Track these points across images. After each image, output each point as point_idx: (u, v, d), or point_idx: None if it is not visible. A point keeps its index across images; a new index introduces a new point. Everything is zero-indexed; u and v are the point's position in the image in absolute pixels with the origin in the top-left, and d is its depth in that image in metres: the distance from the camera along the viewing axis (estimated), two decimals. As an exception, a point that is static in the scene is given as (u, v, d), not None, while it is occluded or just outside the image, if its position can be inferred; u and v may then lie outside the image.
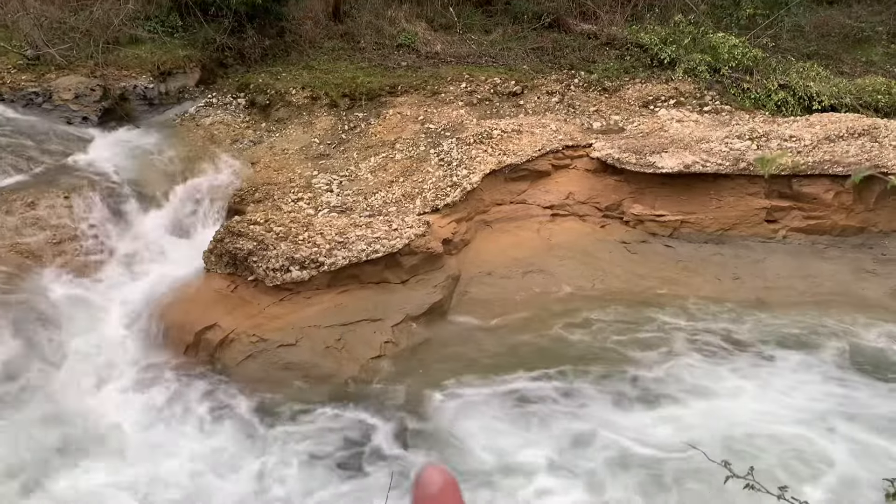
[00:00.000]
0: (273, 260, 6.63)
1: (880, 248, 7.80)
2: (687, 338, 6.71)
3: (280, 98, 9.80)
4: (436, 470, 0.67)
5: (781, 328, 6.85)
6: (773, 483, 2.58)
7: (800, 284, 7.52)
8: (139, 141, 8.88)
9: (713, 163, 7.85)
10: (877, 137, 8.03)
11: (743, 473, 2.40)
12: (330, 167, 8.54)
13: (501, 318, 7.08)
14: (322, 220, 7.23)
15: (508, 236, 8.05)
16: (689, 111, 9.45)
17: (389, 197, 7.81)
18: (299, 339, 6.38)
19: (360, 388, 6.09)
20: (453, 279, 7.35)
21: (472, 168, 8.00)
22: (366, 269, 6.90)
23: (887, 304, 7.16)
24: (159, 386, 6.03)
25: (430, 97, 9.78)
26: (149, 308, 6.69)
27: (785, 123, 8.68)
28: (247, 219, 7.12)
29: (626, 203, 8.18)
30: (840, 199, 7.80)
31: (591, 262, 7.79)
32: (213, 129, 9.38)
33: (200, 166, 8.47)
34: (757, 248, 7.87)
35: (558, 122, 9.09)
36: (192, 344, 6.39)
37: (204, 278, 6.89)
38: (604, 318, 7.03)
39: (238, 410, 5.82)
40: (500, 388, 6.06)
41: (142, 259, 7.21)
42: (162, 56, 10.11)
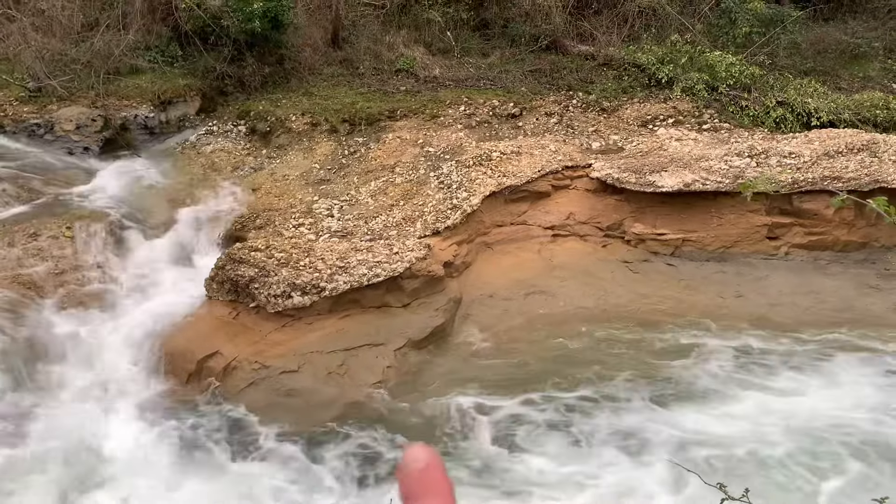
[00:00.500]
0: (274, 286, 6.63)
1: (883, 262, 7.78)
2: (697, 353, 6.68)
3: (280, 125, 9.86)
4: (420, 448, 0.68)
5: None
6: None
7: (803, 301, 7.49)
8: (140, 170, 8.93)
9: (713, 181, 7.86)
10: (876, 152, 8.04)
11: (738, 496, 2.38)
12: (330, 192, 8.56)
13: (505, 340, 7.05)
14: (323, 246, 7.24)
15: (509, 258, 8.04)
16: (688, 130, 9.48)
17: (390, 221, 7.82)
18: (301, 365, 6.35)
19: (362, 413, 6.05)
20: (455, 302, 7.33)
21: (472, 190, 8.02)
22: (367, 294, 6.88)
23: (892, 320, 7.12)
24: (162, 415, 6.00)
25: (430, 121, 9.83)
26: (151, 337, 6.67)
27: (784, 140, 8.70)
28: (248, 245, 7.13)
29: (627, 222, 8.18)
30: (841, 215, 7.79)
31: (593, 282, 7.77)
32: (214, 156, 9.43)
33: (202, 194, 8.51)
34: (759, 265, 7.85)
35: (557, 142, 9.12)
36: (195, 372, 6.36)
37: (206, 306, 6.88)
38: (608, 337, 7.00)
39: (242, 438, 5.78)
40: (516, 401, 6.06)
41: (144, 288, 7.20)
42: (162, 85, 10.19)
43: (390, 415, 6.07)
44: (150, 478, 5.38)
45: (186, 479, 5.37)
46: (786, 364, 6.51)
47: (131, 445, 5.67)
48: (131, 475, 5.41)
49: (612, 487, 5.16)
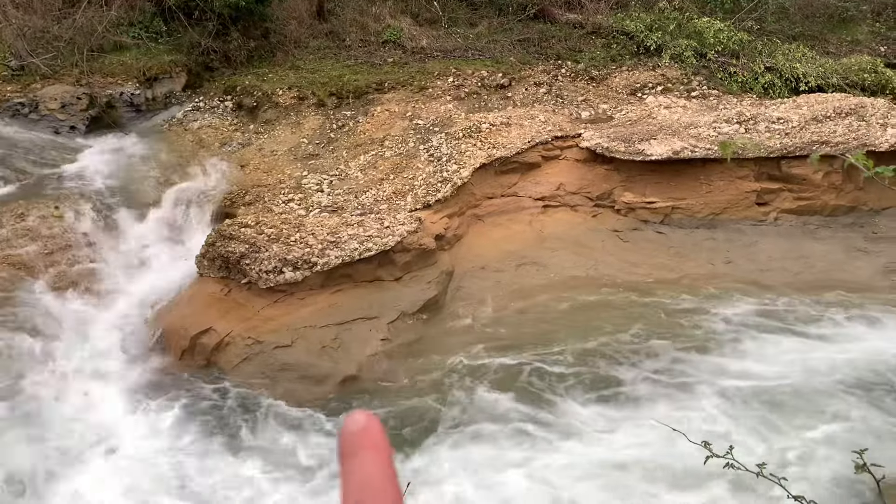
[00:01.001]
0: (265, 262, 6.63)
1: (871, 226, 7.84)
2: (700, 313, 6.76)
3: (267, 99, 9.79)
4: (359, 412, 0.70)
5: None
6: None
7: (793, 266, 7.55)
8: (128, 148, 8.86)
9: (702, 148, 7.87)
10: (864, 116, 8.06)
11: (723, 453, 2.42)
12: (319, 167, 8.53)
13: (498, 311, 7.09)
14: (313, 221, 7.23)
15: (501, 229, 8.06)
16: (677, 97, 9.46)
17: (380, 195, 7.81)
18: (295, 339, 6.39)
19: (357, 386, 6.10)
20: (447, 274, 7.36)
21: (462, 163, 8.00)
22: (359, 268, 6.90)
23: (878, 282, 7.20)
24: (156, 392, 6.03)
25: (418, 93, 9.77)
26: (143, 314, 6.69)
27: (772, 106, 8.70)
28: (238, 222, 7.12)
29: (617, 191, 8.20)
30: (830, 179, 7.83)
31: (584, 251, 7.81)
32: (202, 133, 9.36)
33: (190, 171, 8.46)
34: (748, 231, 7.90)
35: (547, 112, 9.09)
36: (188, 348, 6.39)
37: (197, 283, 6.89)
38: (604, 303, 7.07)
39: (236, 413, 5.82)
40: (521, 359, 6.23)
41: (134, 266, 7.20)
42: (147, 62, 10.08)
43: (385, 386, 6.13)
44: (143, 453, 5.42)
45: (179, 454, 5.42)
46: (791, 319, 6.63)
47: (125, 422, 5.71)
48: (124, 451, 5.45)
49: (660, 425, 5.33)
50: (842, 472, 4.75)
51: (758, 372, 5.97)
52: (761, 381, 5.82)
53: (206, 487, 5.14)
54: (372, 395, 6.03)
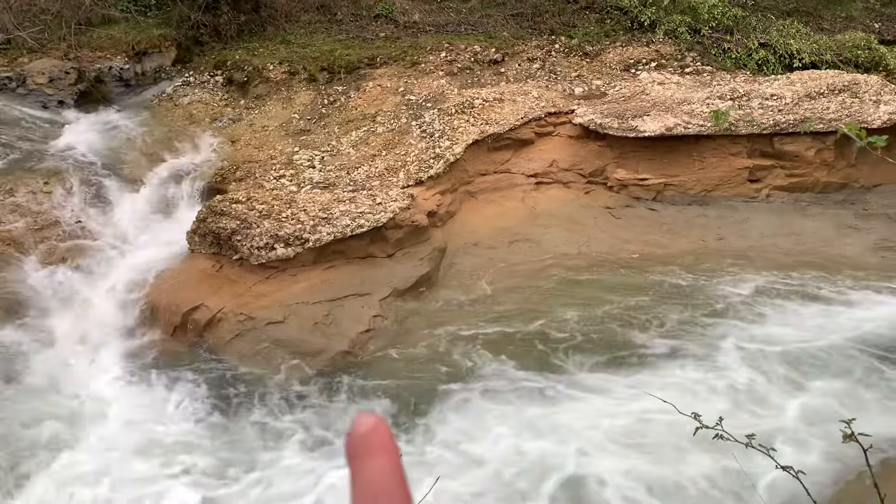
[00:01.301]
0: (257, 238, 6.61)
1: (862, 203, 7.86)
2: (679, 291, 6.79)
3: (258, 74, 9.69)
4: (366, 414, 0.70)
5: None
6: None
7: (784, 242, 7.58)
8: (117, 123, 8.78)
9: (695, 124, 7.85)
10: (857, 93, 8.05)
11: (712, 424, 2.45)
12: (311, 143, 8.48)
13: (491, 287, 7.11)
14: (305, 197, 7.20)
15: (493, 206, 8.05)
16: (671, 73, 9.42)
17: (372, 171, 7.78)
18: (287, 316, 6.38)
19: (350, 362, 6.12)
20: (440, 251, 7.36)
21: (455, 139, 7.97)
22: (351, 245, 6.89)
23: (868, 259, 7.24)
24: (147, 368, 6.04)
25: (410, 68, 9.69)
26: (134, 291, 6.67)
27: (766, 82, 8.67)
28: (229, 197, 7.08)
29: (610, 168, 8.18)
30: (822, 156, 7.83)
31: (577, 228, 7.81)
32: (192, 108, 9.28)
33: (180, 146, 8.41)
34: (740, 207, 7.91)
35: (540, 88, 9.04)
36: (180, 324, 6.38)
37: (188, 259, 6.87)
38: (599, 280, 7.12)
39: (228, 389, 5.84)
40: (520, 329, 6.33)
41: (125, 242, 7.17)
42: (136, 36, 9.96)
43: (378, 362, 6.15)
44: (134, 428, 5.43)
45: (170, 430, 5.43)
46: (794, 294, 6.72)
47: (116, 398, 5.72)
48: (115, 426, 5.46)
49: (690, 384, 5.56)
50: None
51: (783, 335, 6.09)
52: (789, 344, 5.95)
53: (198, 461, 5.16)
54: (367, 370, 6.05)
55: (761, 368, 5.70)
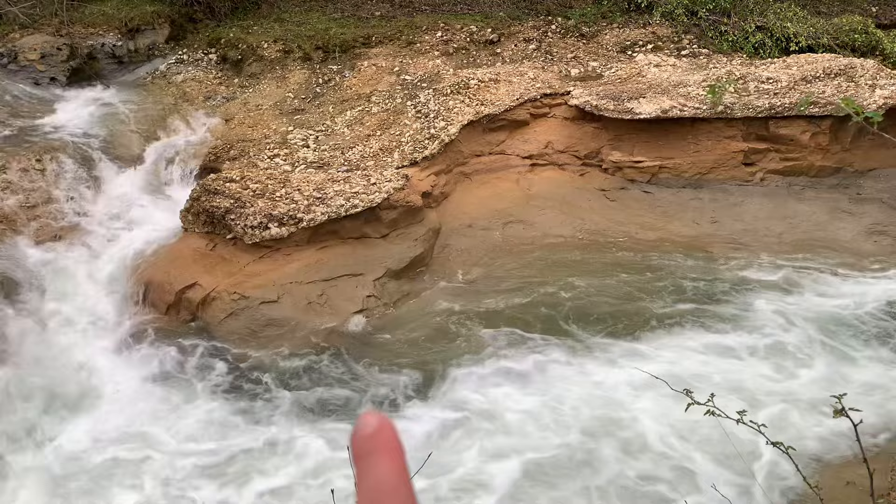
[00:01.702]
0: (251, 217, 6.59)
1: (855, 187, 7.87)
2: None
3: (252, 52, 9.62)
4: (371, 414, 0.70)
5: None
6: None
7: (777, 226, 7.60)
8: (110, 100, 8.71)
9: (690, 107, 7.83)
10: (853, 77, 8.03)
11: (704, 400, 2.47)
12: (305, 122, 8.43)
13: (484, 268, 7.12)
14: (299, 176, 7.18)
15: (488, 188, 8.03)
16: (667, 55, 9.38)
17: (367, 151, 7.75)
18: (281, 295, 6.39)
19: (344, 341, 6.14)
20: (434, 232, 7.35)
21: (450, 119, 7.93)
22: (345, 225, 6.88)
23: (861, 244, 7.27)
24: (141, 346, 6.04)
25: (406, 47, 9.63)
26: (127, 269, 6.66)
27: (762, 65, 8.65)
28: (223, 176, 7.06)
29: (605, 150, 8.17)
30: (816, 140, 7.83)
31: (571, 210, 7.81)
32: (185, 86, 9.21)
33: (174, 125, 8.35)
34: (735, 191, 7.92)
35: (536, 69, 9.00)
36: (174, 303, 6.38)
37: (182, 238, 6.85)
38: (606, 258, 7.18)
39: (221, 368, 5.85)
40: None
41: (118, 220, 7.14)
42: (129, 12, 9.85)
43: (372, 342, 6.17)
44: (129, 407, 5.45)
45: (165, 409, 5.45)
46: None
47: (110, 376, 5.73)
48: (109, 405, 5.48)
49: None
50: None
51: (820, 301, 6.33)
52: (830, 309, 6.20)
53: (193, 439, 5.19)
54: (360, 349, 6.06)
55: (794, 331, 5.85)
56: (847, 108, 1.83)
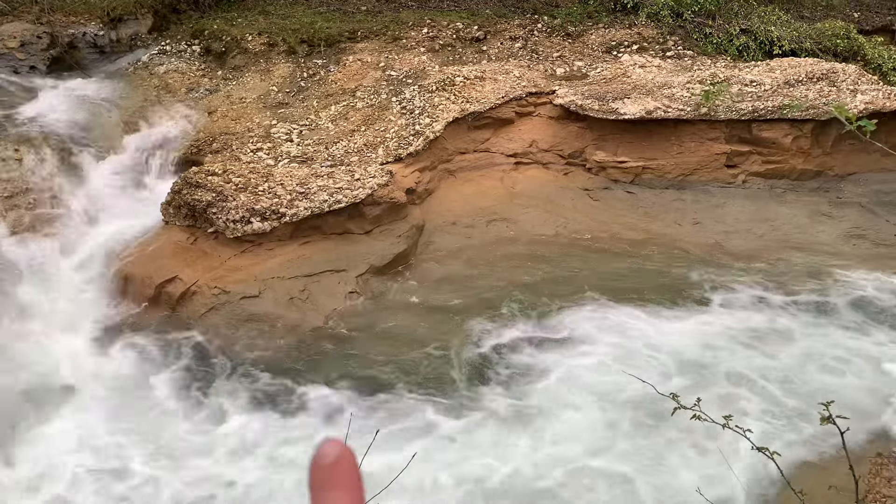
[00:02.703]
0: (233, 211, 6.54)
1: (836, 191, 7.95)
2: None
3: (236, 45, 9.53)
4: (332, 443, 0.69)
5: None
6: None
7: (758, 229, 7.66)
8: (91, 91, 8.59)
9: (675, 108, 7.87)
10: (835, 82, 8.11)
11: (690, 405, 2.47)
12: (289, 116, 8.37)
13: (468, 266, 7.11)
14: (282, 171, 7.13)
15: (472, 185, 8.02)
16: (652, 56, 9.42)
17: (351, 146, 7.71)
18: (262, 290, 6.34)
19: (324, 337, 6.10)
20: (417, 229, 7.33)
21: (435, 116, 7.91)
22: (328, 220, 6.84)
23: (840, 247, 7.35)
24: (120, 340, 5.97)
25: (391, 43, 9.59)
26: (107, 262, 6.57)
27: (746, 68, 8.70)
28: (204, 169, 6.99)
29: (589, 150, 8.19)
30: (798, 144, 7.90)
31: (554, 209, 7.82)
32: (168, 77, 9.10)
33: (156, 116, 8.25)
34: (717, 193, 7.97)
35: (521, 68, 9.00)
36: (153, 297, 6.31)
37: (162, 231, 6.78)
38: (579, 260, 7.21)
39: (201, 362, 5.80)
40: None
41: (97, 212, 7.05)
42: (112, 1, 9.72)
43: (353, 339, 6.13)
44: (108, 401, 5.39)
45: (144, 404, 5.39)
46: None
47: (89, 370, 5.66)
48: (88, 399, 5.41)
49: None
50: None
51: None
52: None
53: (169, 434, 5.14)
54: (342, 345, 6.03)
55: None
56: (839, 115, 1.83)
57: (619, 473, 4.73)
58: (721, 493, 4.41)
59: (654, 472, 4.73)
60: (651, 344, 5.93)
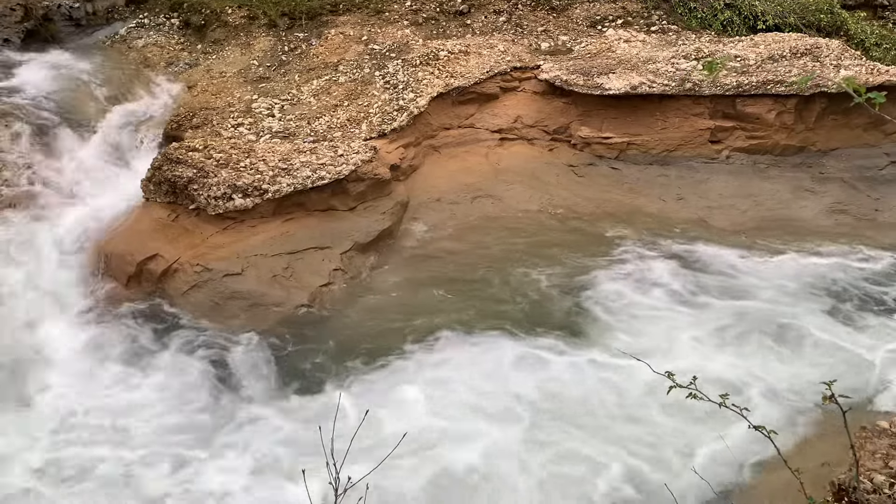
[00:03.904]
0: (214, 188, 6.46)
1: (818, 166, 7.99)
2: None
3: (216, 18, 9.35)
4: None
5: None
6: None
7: (742, 204, 7.69)
8: (67, 65, 8.40)
9: (659, 83, 7.84)
10: (818, 57, 8.11)
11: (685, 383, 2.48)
12: (271, 91, 8.25)
13: (452, 243, 7.10)
14: (264, 147, 7.04)
15: (457, 161, 7.98)
16: (637, 31, 9.36)
17: (334, 122, 7.62)
18: (245, 268, 6.29)
19: (309, 315, 6.08)
20: (402, 205, 7.30)
21: (419, 91, 7.84)
22: (312, 197, 6.78)
23: (822, 222, 7.41)
24: (100, 318, 5.91)
25: (374, 16, 9.46)
26: (87, 240, 6.49)
27: (730, 43, 8.68)
28: (185, 145, 6.89)
29: (574, 126, 8.16)
30: (782, 119, 7.91)
31: (539, 185, 7.81)
32: (146, 51, 8.93)
33: (134, 91, 8.11)
34: (701, 168, 7.98)
35: (506, 42, 8.92)
36: (134, 275, 6.25)
37: (143, 208, 6.70)
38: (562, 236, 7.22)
39: (182, 340, 5.76)
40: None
41: (76, 189, 6.93)
42: (86, -28, 9.49)
43: (337, 316, 6.12)
44: (90, 381, 5.34)
45: (127, 382, 5.35)
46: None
47: (70, 349, 5.61)
48: (70, 379, 5.36)
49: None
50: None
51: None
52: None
53: (152, 413, 5.11)
54: (326, 322, 6.01)
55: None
56: (847, 88, 1.81)
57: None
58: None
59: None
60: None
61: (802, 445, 4.60)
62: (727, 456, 4.42)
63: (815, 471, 3.96)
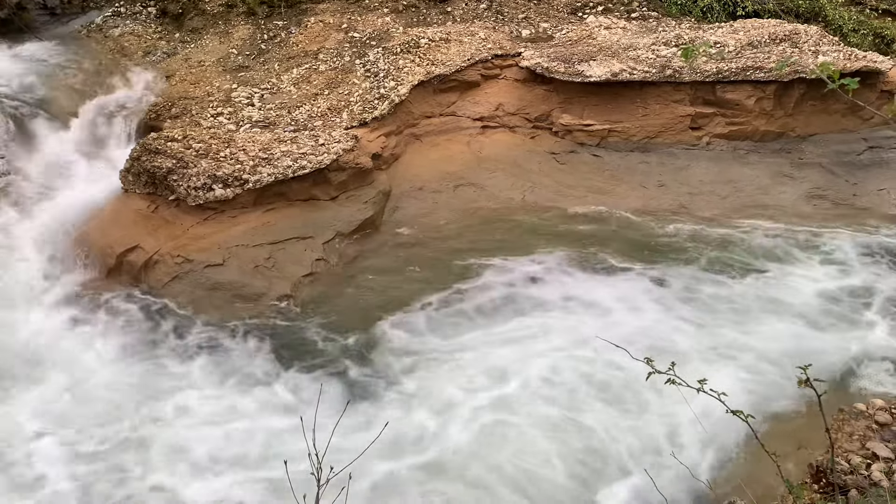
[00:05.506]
0: (194, 178, 6.41)
1: (797, 152, 8.05)
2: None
3: (193, 6, 9.24)
4: None
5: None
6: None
7: (722, 190, 7.75)
8: (42, 54, 8.29)
9: (640, 70, 7.86)
10: (797, 43, 8.16)
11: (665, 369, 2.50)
12: (250, 80, 8.19)
13: (435, 231, 7.10)
14: (244, 136, 6.99)
15: (439, 150, 7.96)
16: (617, 18, 9.36)
17: (315, 111, 7.58)
18: (227, 258, 6.26)
19: (292, 305, 6.06)
20: (384, 194, 7.28)
21: (400, 79, 7.80)
22: (293, 187, 6.75)
23: (801, 207, 7.49)
24: (80, 310, 5.86)
25: (354, 4, 9.39)
26: (65, 232, 6.43)
27: (710, 30, 8.71)
28: (164, 135, 6.82)
29: (556, 113, 8.16)
30: (761, 105, 7.96)
31: (521, 173, 7.81)
32: (123, 40, 8.83)
33: (111, 81, 8.02)
34: (681, 155, 8.02)
35: (487, 29, 8.89)
36: (115, 266, 6.21)
37: (122, 199, 6.64)
38: (545, 226, 7.23)
39: (165, 332, 5.72)
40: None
41: (54, 181, 6.85)
42: (60, -40, 9.35)
43: (320, 306, 6.11)
44: (71, 373, 5.30)
45: (107, 374, 5.32)
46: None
47: (51, 342, 5.55)
48: (52, 371, 5.32)
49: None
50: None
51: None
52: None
53: (135, 404, 5.09)
54: (309, 312, 6.00)
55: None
56: (822, 75, 1.83)
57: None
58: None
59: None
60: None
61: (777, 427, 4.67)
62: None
63: (794, 454, 4.02)
